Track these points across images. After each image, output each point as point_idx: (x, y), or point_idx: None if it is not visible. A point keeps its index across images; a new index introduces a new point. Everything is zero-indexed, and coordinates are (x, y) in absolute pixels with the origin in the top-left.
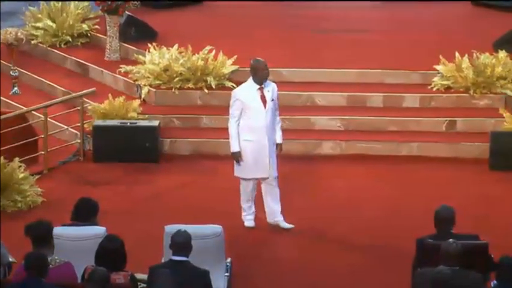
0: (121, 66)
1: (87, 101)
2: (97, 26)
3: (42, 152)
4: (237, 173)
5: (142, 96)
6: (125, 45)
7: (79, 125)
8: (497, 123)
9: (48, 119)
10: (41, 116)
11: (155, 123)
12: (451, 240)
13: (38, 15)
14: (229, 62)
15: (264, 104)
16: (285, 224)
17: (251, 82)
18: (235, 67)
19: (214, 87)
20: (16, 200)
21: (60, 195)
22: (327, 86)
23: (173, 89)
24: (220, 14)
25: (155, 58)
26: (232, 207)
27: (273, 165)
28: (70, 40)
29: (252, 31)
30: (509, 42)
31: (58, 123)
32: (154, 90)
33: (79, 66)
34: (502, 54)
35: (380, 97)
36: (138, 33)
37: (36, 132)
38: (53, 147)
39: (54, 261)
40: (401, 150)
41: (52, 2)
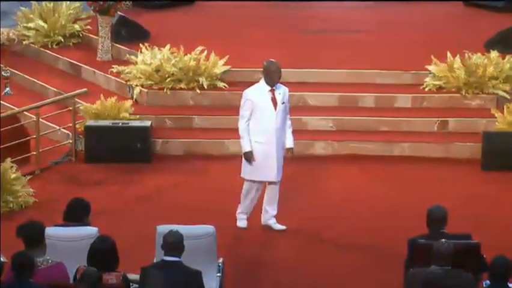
0: (112, 67)
1: (79, 101)
2: (88, 27)
3: (34, 153)
4: (243, 175)
5: (134, 96)
6: (117, 45)
7: (71, 125)
8: (489, 123)
9: (40, 119)
10: (33, 116)
11: (147, 123)
12: (443, 240)
13: (30, 15)
14: (221, 62)
15: (274, 106)
16: (277, 226)
17: (262, 83)
18: (227, 67)
19: (206, 87)
20: (8, 201)
21: (52, 195)
22: (319, 86)
23: (165, 90)
24: (212, 14)
25: (147, 58)
26: (224, 208)
27: (280, 169)
28: (62, 40)
29: (244, 31)
30: (501, 42)
31: (50, 124)
32: (146, 90)
33: (70, 67)
34: (494, 54)
35: (372, 97)
36: (130, 34)
37: (28, 132)
38: (45, 147)
39: (47, 261)
40: (393, 150)
41: (44, 2)
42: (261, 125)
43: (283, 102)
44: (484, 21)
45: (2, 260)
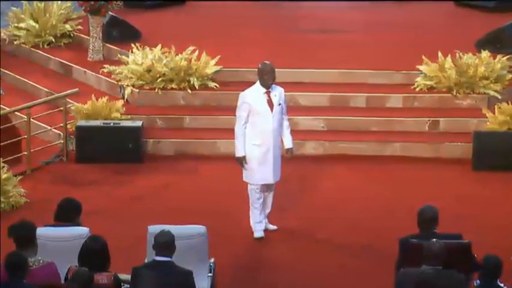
0: (104, 67)
1: (70, 101)
2: (80, 27)
3: (26, 153)
4: (245, 179)
5: (125, 96)
6: (108, 45)
7: (62, 125)
8: (480, 123)
9: (32, 119)
10: (24, 116)
11: (138, 123)
12: (434, 239)
13: (21, 15)
14: (213, 62)
15: (270, 108)
16: (268, 226)
17: (258, 85)
18: (219, 67)
19: (197, 87)
20: None
21: (43, 195)
22: (310, 86)
23: (157, 90)
24: (203, 14)
25: (138, 58)
26: (215, 208)
27: (277, 170)
28: (53, 40)
29: (235, 31)
30: (492, 42)
31: (41, 124)
32: (137, 90)
33: (62, 67)
34: (485, 54)
35: (363, 97)
36: (121, 34)
37: (19, 132)
38: (36, 147)
39: (38, 261)
40: (384, 150)
41: (35, 2)
42: (258, 127)
43: (279, 103)
44: (475, 21)
45: None
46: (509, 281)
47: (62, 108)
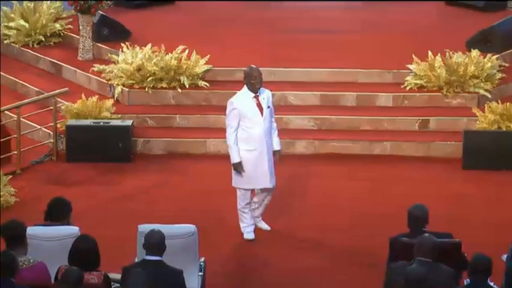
0: (94, 66)
1: (60, 100)
2: (70, 26)
3: (15, 152)
4: (235, 184)
5: (115, 95)
6: (98, 44)
7: (52, 124)
8: (470, 122)
9: (21, 118)
10: (13, 115)
11: (128, 122)
12: (426, 234)
13: (11, 15)
14: (202, 62)
15: (260, 112)
16: (263, 224)
17: (246, 90)
18: (208, 66)
19: (187, 86)
20: None
21: (33, 195)
22: (300, 86)
23: (147, 89)
24: (192, 13)
25: (128, 57)
26: (206, 207)
27: (272, 174)
28: (43, 40)
29: (225, 31)
30: (482, 42)
31: (31, 123)
32: (127, 89)
33: (52, 66)
34: (475, 53)
35: (353, 96)
36: (111, 33)
37: (9, 132)
38: (26, 147)
39: (28, 261)
40: (374, 149)
41: (25, 1)
42: (249, 132)
43: (268, 106)
44: (465, 20)
45: None
46: (499, 280)
47: (52, 108)
